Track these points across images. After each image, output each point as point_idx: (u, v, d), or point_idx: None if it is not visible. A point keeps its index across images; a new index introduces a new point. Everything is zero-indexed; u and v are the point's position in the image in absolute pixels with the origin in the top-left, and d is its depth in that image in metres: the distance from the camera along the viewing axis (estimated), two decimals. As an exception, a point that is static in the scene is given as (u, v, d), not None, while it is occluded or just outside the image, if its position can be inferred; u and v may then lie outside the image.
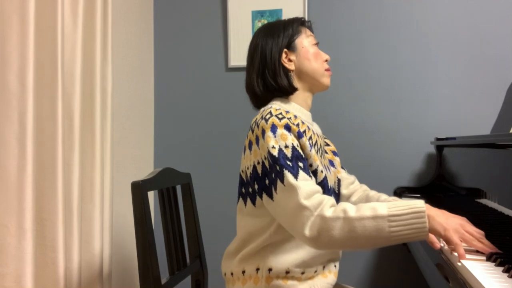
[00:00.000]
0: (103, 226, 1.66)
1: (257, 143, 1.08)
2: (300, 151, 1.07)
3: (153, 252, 1.23)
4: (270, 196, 1.04)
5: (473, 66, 1.95)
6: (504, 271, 0.82)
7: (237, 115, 2.20)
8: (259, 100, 1.23)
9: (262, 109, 1.16)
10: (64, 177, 1.44)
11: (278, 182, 1.02)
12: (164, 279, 1.31)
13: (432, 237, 0.95)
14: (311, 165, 1.11)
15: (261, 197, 1.08)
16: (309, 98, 1.25)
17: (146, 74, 2.26)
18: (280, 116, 1.08)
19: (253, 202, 1.14)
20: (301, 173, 1.02)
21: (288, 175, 1.01)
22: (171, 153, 2.28)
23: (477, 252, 0.95)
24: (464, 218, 1.00)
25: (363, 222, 0.92)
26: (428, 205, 0.95)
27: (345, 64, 2.06)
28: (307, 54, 1.20)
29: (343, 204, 0.98)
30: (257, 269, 1.13)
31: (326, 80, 1.22)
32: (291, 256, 1.12)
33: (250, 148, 1.11)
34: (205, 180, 2.23)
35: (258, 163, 1.08)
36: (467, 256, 0.91)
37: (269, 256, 1.13)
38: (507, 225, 1.07)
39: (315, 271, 1.15)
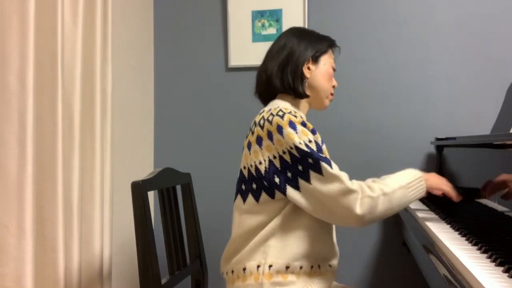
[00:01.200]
0: (103, 226, 1.66)
1: (270, 138, 1.12)
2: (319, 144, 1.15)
3: (153, 252, 1.23)
4: (297, 188, 1.10)
5: (473, 66, 1.95)
6: (504, 271, 0.82)
7: (237, 115, 2.20)
8: (268, 88, 1.29)
9: (268, 108, 1.20)
10: (64, 177, 1.44)
11: (313, 173, 1.08)
12: (164, 279, 1.31)
13: None
14: None
15: (282, 190, 1.12)
16: (306, 109, 1.33)
17: (146, 74, 2.26)
18: (293, 114, 1.14)
19: (257, 199, 1.16)
20: (332, 163, 1.11)
21: (326, 166, 1.08)
22: (171, 153, 2.29)
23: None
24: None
25: (395, 193, 1.12)
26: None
27: (345, 64, 2.06)
28: (324, 71, 1.29)
29: (375, 184, 1.12)
30: (258, 266, 1.14)
31: (326, 101, 1.32)
32: (291, 250, 1.14)
33: (259, 143, 1.14)
34: (205, 180, 2.23)
35: (275, 157, 1.12)
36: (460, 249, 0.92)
37: (269, 252, 1.14)
38: (507, 225, 1.07)
39: (311, 267, 1.16)
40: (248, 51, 2.15)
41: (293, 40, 1.28)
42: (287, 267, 1.13)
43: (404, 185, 1.14)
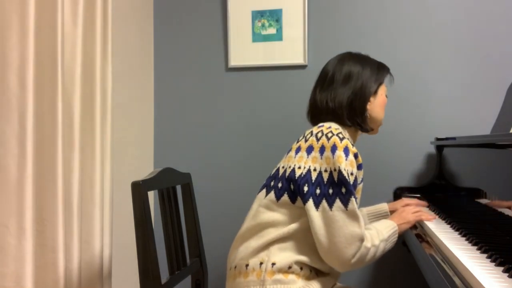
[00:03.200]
0: (103, 226, 1.66)
1: (321, 152, 1.14)
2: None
3: (153, 252, 1.23)
4: (317, 206, 1.12)
5: (473, 66, 1.95)
6: (504, 271, 0.82)
7: (237, 115, 2.20)
8: (333, 116, 1.28)
9: (328, 125, 1.20)
10: (64, 177, 1.44)
11: (338, 202, 1.10)
12: (164, 279, 1.31)
13: None
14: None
15: (305, 199, 1.13)
16: (358, 135, 1.36)
17: (146, 74, 2.25)
18: (351, 142, 1.18)
19: (277, 197, 1.19)
20: (357, 203, 1.14)
21: (353, 202, 1.11)
22: (171, 153, 2.28)
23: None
24: (407, 206, 1.38)
25: (380, 246, 1.16)
26: (391, 218, 1.30)
27: (345, 64, 2.06)
28: (381, 102, 1.33)
29: (367, 233, 1.15)
30: (261, 263, 1.15)
31: (377, 130, 1.36)
32: (295, 257, 1.15)
33: (308, 152, 1.16)
34: (205, 180, 2.23)
35: (315, 170, 1.14)
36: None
37: (275, 251, 1.16)
38: (507, 225, 1.07)
39: (310, 271, 1.18)
40: (248, 51, 2.15)
41: (356, 69, 1.30)
42: (289, 267, 1.14)
43: (386, 238, 1.19)
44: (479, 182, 1.31)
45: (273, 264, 1.14)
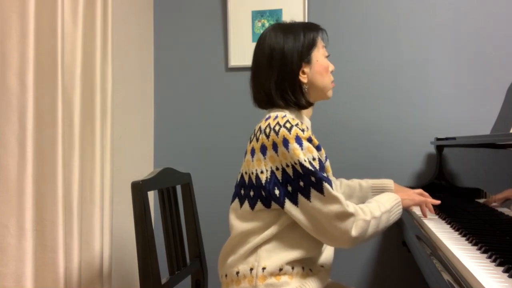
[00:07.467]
0: (103, 226, 1.66)
1: (275, 149, 1.10)
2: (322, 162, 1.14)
3: (153, 252, 1.23)
4: (295, 203, 1.10)
5: (473, 66, 1.95)
6: (504, 271, 0.82)
7: (237, 115, 2.20)
8: (271, 104, 1.22)
9: (274, 115, 1.15)
10: (64, 177, 1.44)
11: (314, 191, 1.08)
12: (164, 279, 1.31)
13: None
14: None
15: (281, 202, 1.11)
16: (311, 110, 1.31)
17: (146, 74, 2.26)
18: (300, 127, 1.11)
19: (252, 206, 1.16)
20: (332, 184, 1.10)
21: (327, 186, 1.08)
22: (171, 153, 2.29)
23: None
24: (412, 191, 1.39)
25: (382, 217, 1.15)
26: (394, 192, 1.35)
27: (345, 64, 2.06)
28: (320, 68, 1.22)
29: (365, 206, 1.15)
30: (251, 269, 1.14)
31: (330, 92, 1.27)
32: (285, 255, 1.14)
33: (263, 152, 1.12)
34: (205, 180, 2.23)
35: (277, 169, 1.11)
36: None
37: (263, 255, 1.14)
38: (507, 225, 1.07)
39: (303, 268, 1.16)
40: (248, 51, 2.15)
41: (278, 43, 1.18)
42: (280, 269, 1.13)
43: (389, 209, 1.18)
44: (479, 182, 1.31)
45: (264, 268, 1.12)
